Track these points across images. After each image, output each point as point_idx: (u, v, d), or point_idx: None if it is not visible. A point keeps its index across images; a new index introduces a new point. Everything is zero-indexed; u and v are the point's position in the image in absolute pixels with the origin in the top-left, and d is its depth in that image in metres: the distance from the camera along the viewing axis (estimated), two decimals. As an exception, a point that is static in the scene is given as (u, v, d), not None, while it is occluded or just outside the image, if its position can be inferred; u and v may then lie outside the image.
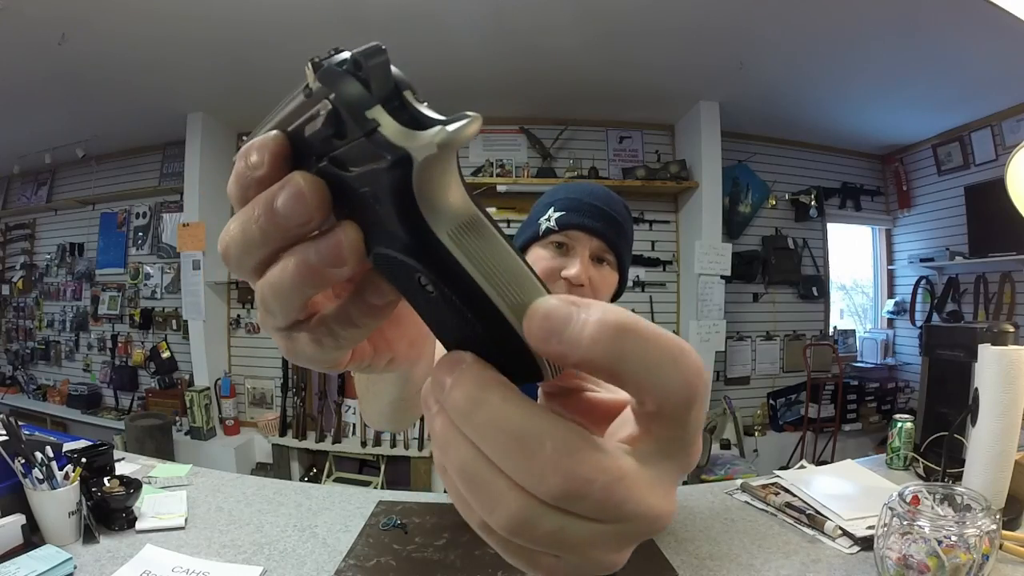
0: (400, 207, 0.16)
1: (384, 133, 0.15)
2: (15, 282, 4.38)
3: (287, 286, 0.20)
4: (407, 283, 0.18)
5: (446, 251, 0.16)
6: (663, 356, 0.16)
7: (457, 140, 0.15)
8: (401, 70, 0.16)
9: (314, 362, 0.23)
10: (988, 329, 1.11)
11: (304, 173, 0.18)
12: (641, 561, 0.83)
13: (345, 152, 0.17)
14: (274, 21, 2.36)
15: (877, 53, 2.56)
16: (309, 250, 0.19)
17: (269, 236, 0.20)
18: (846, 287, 4.39)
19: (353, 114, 0.16)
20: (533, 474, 0.15)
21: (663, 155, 3.53)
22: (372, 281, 0.20)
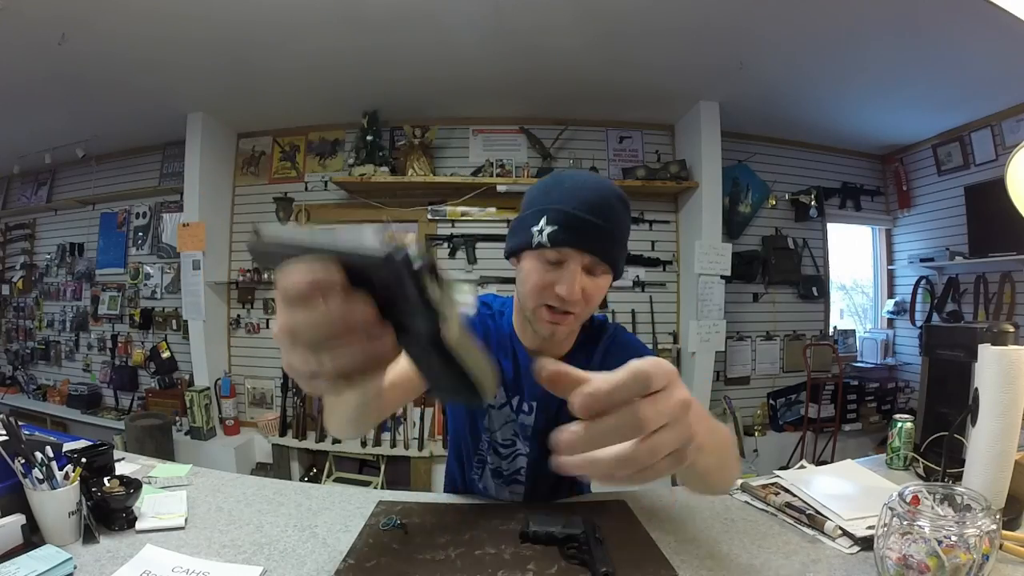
0: (430, 330, 0.31)
1: (430, 294, 0.30)
2: (15, 282, 4.38)
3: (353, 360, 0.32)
4: (419, 354, 0.35)
5: (449, 349, 0.31)
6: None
7: (462, 313, 0.31)
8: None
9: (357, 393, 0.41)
10: (988, 329, 1.11)
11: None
12: (641, 561, 0.83)
13: (397, 292, 0.30)
14: (274, 21, 2.35)
15: (877, 53, 2.56)
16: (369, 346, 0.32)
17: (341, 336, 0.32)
18: (846, 287, 4.40)
19: (414, 276, 0.29)
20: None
21: (663, 155, 3.53)
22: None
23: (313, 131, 3.61)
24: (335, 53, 2.64)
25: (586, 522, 0.87)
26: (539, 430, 0.99)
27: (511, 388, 1.00)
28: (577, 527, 0.86)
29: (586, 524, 0.87)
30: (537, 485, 1.05)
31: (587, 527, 0.86)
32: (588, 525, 0.87)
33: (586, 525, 0.87)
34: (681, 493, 1.09)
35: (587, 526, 0.86)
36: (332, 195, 3.53)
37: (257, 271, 3.54)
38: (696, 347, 3.21)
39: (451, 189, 3.32)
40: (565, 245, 0.83)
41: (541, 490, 1.06)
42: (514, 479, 1.05)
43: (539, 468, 1.03)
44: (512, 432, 1.02)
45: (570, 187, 0.87)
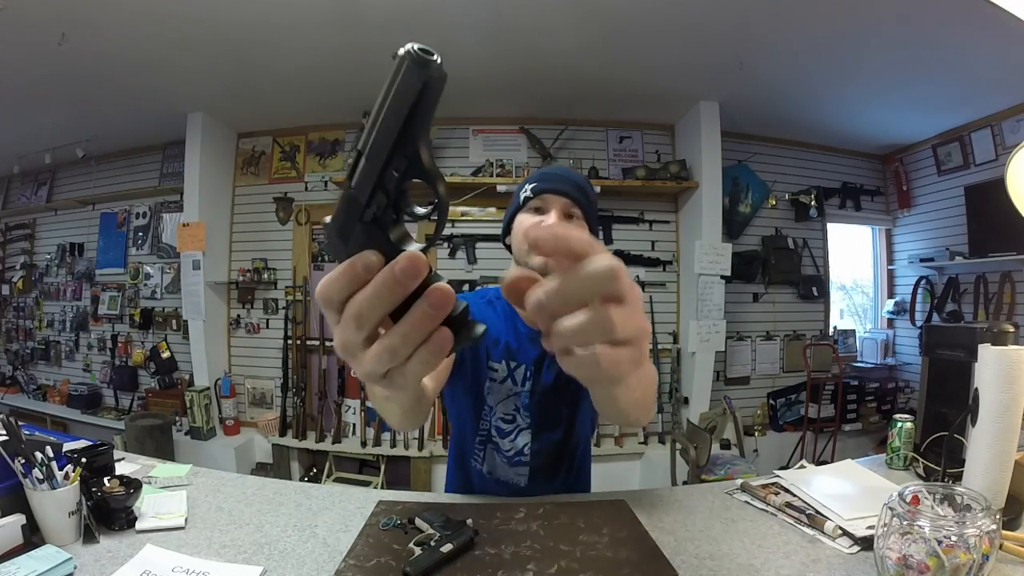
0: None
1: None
2: (15, 282, 4.38)
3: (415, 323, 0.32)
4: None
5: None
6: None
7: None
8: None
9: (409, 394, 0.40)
10: (988, 329, 1.11)
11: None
12: (641, 561, 0.83)
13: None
14: (274, 21, 2.35)
15: (877, 53, 2.56)
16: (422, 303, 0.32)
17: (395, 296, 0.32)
18: (846, 287, 4.40)
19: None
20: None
21: (663, 155, 3.53)
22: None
23: (313, 131, 3.61)
24: (335, 53, 2.64)
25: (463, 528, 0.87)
26: (536, 392, 1.05)
27: (514, 357, 1.06)
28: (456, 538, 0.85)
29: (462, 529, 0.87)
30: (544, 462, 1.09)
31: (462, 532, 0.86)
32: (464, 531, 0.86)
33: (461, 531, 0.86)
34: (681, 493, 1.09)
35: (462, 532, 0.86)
36: (332, 195, 3.53)
37: (257, 271, 3.55)
38: (696, 347, 3.21)
39: (451, 189, 3.28)
40: (544, 192, 1.03)
41: (542, 473, 1.09)
42: (518, 460, 1.08)
43: (542, 441, 1.07)
44: (513, 407, 1.07)
45: (547, 167, 1.14)
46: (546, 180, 1.04)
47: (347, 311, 0.32)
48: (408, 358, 0.32)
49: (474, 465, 1.11)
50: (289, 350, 3.47)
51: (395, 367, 0.33)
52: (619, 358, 0.33)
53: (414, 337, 0.31)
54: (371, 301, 0.31)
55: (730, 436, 2.98)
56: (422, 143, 0.31)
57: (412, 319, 0.31)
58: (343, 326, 0.32)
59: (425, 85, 0.29)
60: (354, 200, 0.32)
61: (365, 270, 0.31)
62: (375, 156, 0.31)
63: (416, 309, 0.31)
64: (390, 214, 0.32)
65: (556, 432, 1.08)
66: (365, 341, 0.33)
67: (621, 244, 3.47)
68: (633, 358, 0.34)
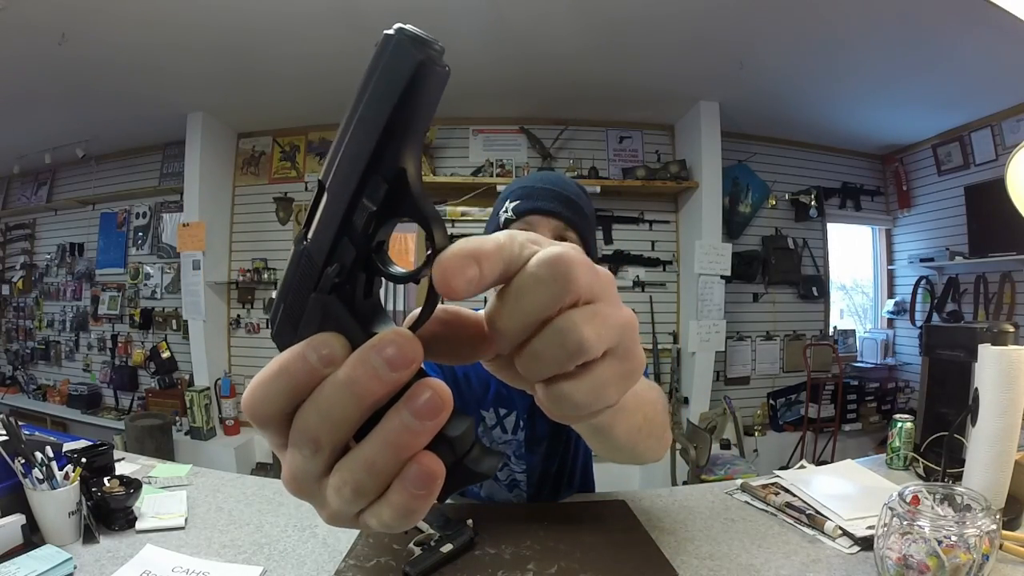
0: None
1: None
2: (15, 282, 4.38)
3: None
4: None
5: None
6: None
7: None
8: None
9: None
10: (988, 329, 1.11)
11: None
12: (641, 561, 0.83)
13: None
14: (274, 21, 2.36)
15: (877, 53, 2.56)
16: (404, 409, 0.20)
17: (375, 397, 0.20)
18: (846, 287, 4.40)
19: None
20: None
21: (663, 155, 3.52)
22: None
23: (313, 131, 3.61)
24: (335, 53, 2.64)
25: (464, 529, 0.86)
26: (530, 440, 1.00)
27: (504, 404, 0.99)
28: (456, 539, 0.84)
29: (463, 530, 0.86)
30: (538, 488, 1.06)
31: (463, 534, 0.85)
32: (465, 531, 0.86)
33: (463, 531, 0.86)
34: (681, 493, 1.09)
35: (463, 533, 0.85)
36: (332, 195, 3.52)
37: (257, 271, 3.54)
38: (696, 347, 3.21)
39: (451, 189, 3.32)
40: (529, 213, 0.86)
41: (544, 493, 1.06)
42: (515, 485, 1.06)
43: (536, 475, 1.04)
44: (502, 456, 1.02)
45: (531, 175, 0.98)
46: (531, 197, 0.88)
47: (296, 430, 0.21)
48: (380, 496, 0.21)
49: (472, 488, 1.08)
50: (289, 350, 3.46)
51: (367, 509, 0.22)
52: (600, 380, 0.23)
53: (386, 465, 0.20)
54: (334, 412, 0.20)
55: (730, 436, 2.98)
56: (410, 161, 0.21)
57: (383, 436, 0.20)
58: (291, 452, 0.21)
59: (420, 69, 0.20)
60: (309, 258, 0.22)
61: (322, 363, 0.20)
62: (342, 182, 0.21)
63: (391, 420, 0.20)
64: (359, 277, 0.22)
65: (553, 463, 1.05)
66: (326, 469, 0.21)
67: (621, 244, 3.47)
68: (622, 372, 0.23)
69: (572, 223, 0.88)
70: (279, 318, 0.23)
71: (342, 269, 0.21)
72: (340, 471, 0.21)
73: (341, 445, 0.21)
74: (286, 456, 0.22)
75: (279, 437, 0.22)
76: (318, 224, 0.22)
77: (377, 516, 0.21)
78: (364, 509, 0.22)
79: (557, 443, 1.04)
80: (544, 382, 0.23)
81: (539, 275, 0.21)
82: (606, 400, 0.23)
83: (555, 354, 0.21)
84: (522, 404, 1.00)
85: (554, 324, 0.21)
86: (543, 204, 0.87)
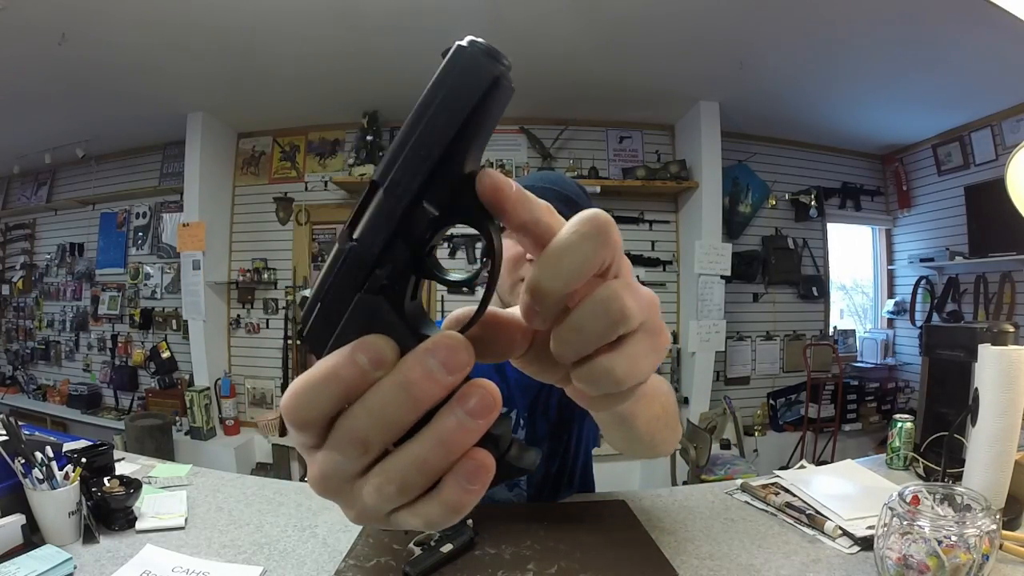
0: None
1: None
2: (15, 282, 4.38)
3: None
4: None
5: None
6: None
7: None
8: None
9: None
10: (988, 329, 1.11)
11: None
12: (641, 561, 0.83)
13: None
14: (275, 21, 2.35)
15: (877, 53, 2.56)
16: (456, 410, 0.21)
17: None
18: (846, 287, 4.40)
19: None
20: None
21: (663, 155, 3.52)
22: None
23: (313, 131, 3.61)
24: (335, 54, 2.64)
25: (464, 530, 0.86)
26: (530, 440, 1.00)
27: (504, 403, 0.99)
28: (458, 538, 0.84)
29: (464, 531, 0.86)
30: (539, 488, 1.06)
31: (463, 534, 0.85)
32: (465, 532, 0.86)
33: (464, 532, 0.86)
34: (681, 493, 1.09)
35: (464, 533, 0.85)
36: (332, 195, 3.53)
37: (257, 271, 3.54)
38: (696, 347, 3.21)
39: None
40: None
41: (545, 493, 1.06)
42: (515, 484, 1.06)
43: (539, 475, 1.03)
44: None
45: (531, 175, 1.04)
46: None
47: (343, 431, 0.21)
48: (423, 495, 0.21)
49: None
50: (289, 350, 3.47)
51: (406, 507, 0.22)
52: (636, 352, 0.23)
53: (437, 463, 0.20)
54: (388, 413, 0.20)
55: (730, 436, 2.98)
56: (472, 168, 0.22)
57: (436, 434, 0.20)
58: (331, 452, 0.21)
59: (495, 82, 0.21)
60: (356, 258, 0.21)
61: (373, 366, 0.20)
62: (403, 182, 0.21)
63: (444, 419, 0.20)
64: (409, 280, 0.22)
65: (553, 464, 1.06)
66: (365, 469, 0.22)
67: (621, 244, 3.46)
68: (653, 346, 0.24)
69: None
70: (314, 319, 0.22)
71: (393, 270, 0.21)
72: (385, 470, 0.21)
73: (388, 446, 0.21)
74: (318, 456, 0.22)
75: (315, 439, 0.22)
76: (369, 224, 0.21)
77: (421, 514, 0.21)
78: (400, 508, 0.22)
79: (557, 443, 1.04)
80: (580, 362, 0.23)
81: (582, 231, 0.22)
82: (642, 373, 0.23)
83: (598, 324, 0.22)
84: (522, 404, 1.00)
85: (596, 294, 0.22)
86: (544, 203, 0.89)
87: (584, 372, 0.23)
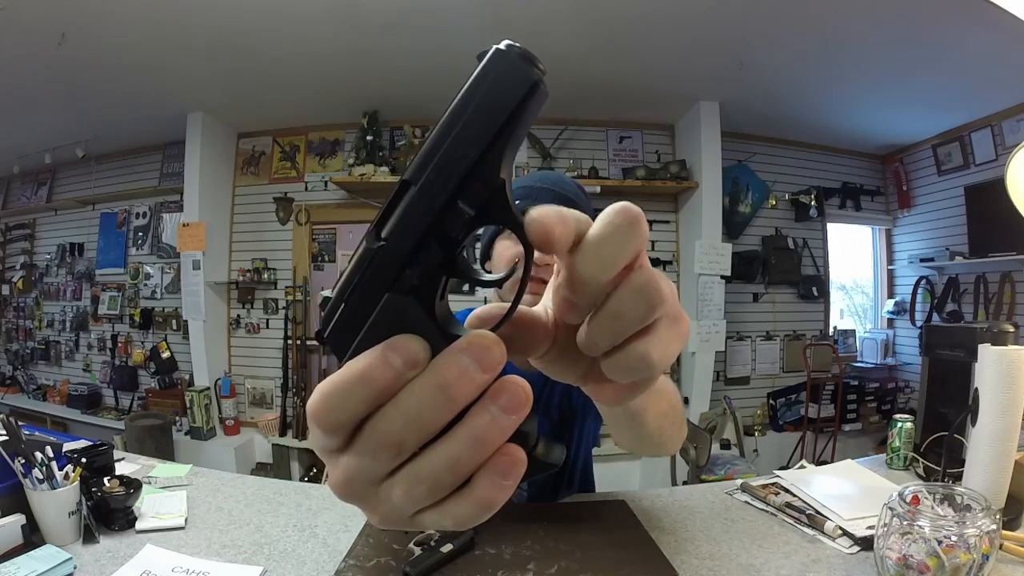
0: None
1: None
2: (15, 282, 4.38)
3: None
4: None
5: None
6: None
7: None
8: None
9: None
10: (988, 329, 1.11)
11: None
12: (641, 561, 0.83)
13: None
14: (274, 21, 2.35)
15: (877, 53, 2.56)
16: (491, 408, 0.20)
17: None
18: (846, 287, 4.40)
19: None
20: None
21: (663, 155, 3.52)
22: None
23: (313, 131, 3.61)
24: (335, 53, 2.64)
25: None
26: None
27: None
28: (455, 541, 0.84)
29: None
30: (540, 487, 1.06)
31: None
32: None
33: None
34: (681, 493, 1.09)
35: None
36: (332, 195, 3.53)
37: (257, 271, 3.54)
38: (696, 347, 3.21)
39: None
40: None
41: (545, 493, 1.06)
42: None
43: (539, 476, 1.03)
44: None
45: (530, 175, 1.05)
46: (531, 197, 0.90)
47: (375, 434, 0.20)
48: (452, 494, 0.21)
49: None
50: (289, 350, 3.47)
51: (432, 507, 0.21)
52: (666, 337, 0.24)
53: (470, 461, 0.20)
54: (424, 414, 0.20)
55: (730, 436, 2.98)
56: (507, 171, 0.22)
57: (470, 432, 0.20)
58: (360, 456, 0.21)
59: (533, 87, 0.21)
60: (386, 256, 0.21)
61: (407, 367, 0.20)
62: (439, 183, 0.21)
63: (478, 417, 0.20)
64: (440, 280, 0.22)
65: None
66: (391, 472, 0.21)
67: (621, 244, 3.47)
68: (678, 332, 0.24)
69: None
70: (337, 319, 0.22)
71: (424, 271, 0.21)
72: (416, 471, 0.20)
73: (421, 446, 0.20)
74: (343, 460, 0.21)
75: (341, 443, 0.21)
76: (400, 224, 0.21)
77: (451, 513, 0.21)
78: (426, 508, 0.21)
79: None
80: (611, 352, 0.24)
81: (616, 222, 0.23)
82: (670, 358, 0.24)
83: (639, 309, 0.23)
84: None
85: (632, 280, 0.23)
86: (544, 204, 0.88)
87: (619, 359, 0.23)
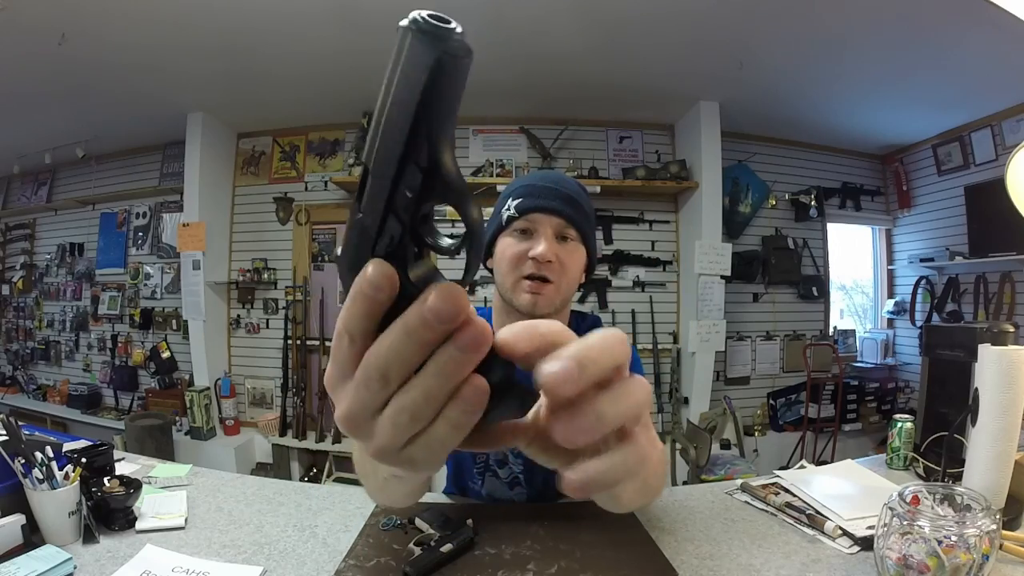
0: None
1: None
2: (15, 282, 4.38)
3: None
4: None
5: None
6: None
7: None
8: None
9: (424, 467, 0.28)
10: (988, 329, 1.11)
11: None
12: (641, 561, 0.83)
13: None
14: (274, 21, 2.35)
15: (877, 53, 2.56)
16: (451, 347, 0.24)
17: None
18: (846, 287, 4.40)
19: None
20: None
21: (663, 155, 3.52)
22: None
23: (313, 131, 3.61)
24: (335, 53, 2.64)
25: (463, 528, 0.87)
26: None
27: None
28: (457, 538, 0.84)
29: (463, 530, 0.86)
30: (540, 489, 1.05)
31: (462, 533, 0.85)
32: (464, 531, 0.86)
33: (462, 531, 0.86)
34: (681, 493, 1.09)
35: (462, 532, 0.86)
36: (332, 195, 3.53)
37: (257, 271, 3.54)
38: (696, 347, 3.21)
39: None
40: (532, 211, 0.89)
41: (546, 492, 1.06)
42: (516, 483, 1.06)
43: (537, 473, 1.03)
44: (502, 453, 1.02)
45: (533, 174, 1.02)
46: (533, 195, 0.90)
47: (368, 364, 0.24)
48: (431, 422, 0.25)
49: (472, 487, 1.08)
50: (289, 350, 3.47)
51: (417, 437, 0.25)
52: (635, 450, 0.28)
53: (439, 392, 0.24)
54: (399, 352, 0.24)
55: (730, 436, 2.98)
56: (443, 149, 0.23)
57: (435, 367, 0.24)
58: (355, 387, 0.25)
59: (438, 64, 0.21)
60: (363, 229, 0.24)
61: (373, 289, 0.23)
62: (381, 171, 0.23)
63: (440, 354, 0.24)
64: (409, 246, 0.25)
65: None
66: (383, 405, 0.25)
67: (621, 244, 3.47)
68: (649, 438, 0.29)
69: (573, 221, 0.90)
70: (343, 274, 0.26)
71: (391, 240, 0.24)
72: (399, 400, 0.24)
73: (404, 380, 0.24)
74: (346, 393, 0.26)
75: (355, 357, 0.25)
76: (367, 202, 0.24)
77: (432, 438, 0.25)
78: (411, 441, 0.25)
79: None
80: (584, 462, 0.27)
81: (606, 344, 0.26)
82: (639, 465, 0.28)
83: (620, 413, 0.26)
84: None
85: (616, 388, 0.26)
86: (545, 202, 0.89)
87: (596, 469, 0.27)
